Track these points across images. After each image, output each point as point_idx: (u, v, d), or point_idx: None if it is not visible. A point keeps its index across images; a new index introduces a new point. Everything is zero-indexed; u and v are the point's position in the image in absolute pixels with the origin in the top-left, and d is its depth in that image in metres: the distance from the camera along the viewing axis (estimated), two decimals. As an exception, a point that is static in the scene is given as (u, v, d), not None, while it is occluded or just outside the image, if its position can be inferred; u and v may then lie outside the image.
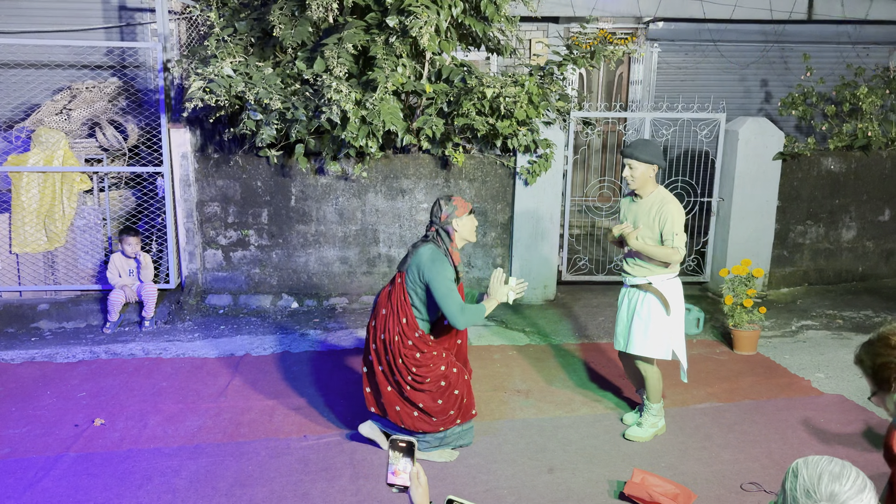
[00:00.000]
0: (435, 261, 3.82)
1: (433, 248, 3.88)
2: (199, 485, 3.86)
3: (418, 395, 3.95)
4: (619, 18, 9.38)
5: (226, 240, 6.84)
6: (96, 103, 6.69)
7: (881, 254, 7.94)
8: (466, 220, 3.94)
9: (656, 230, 4.13)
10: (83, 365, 5.48)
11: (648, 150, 4.10)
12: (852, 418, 4.70)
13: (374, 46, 5.88)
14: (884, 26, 9.71)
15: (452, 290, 3.81)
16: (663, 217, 4.10)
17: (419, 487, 2.11)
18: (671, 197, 4.17)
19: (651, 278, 4.22)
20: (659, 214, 4.12)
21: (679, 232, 4.09)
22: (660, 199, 4.15)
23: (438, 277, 3.79)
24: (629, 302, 4.35)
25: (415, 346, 3.91)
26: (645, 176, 4.14)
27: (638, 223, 4.20)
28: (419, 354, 3.92)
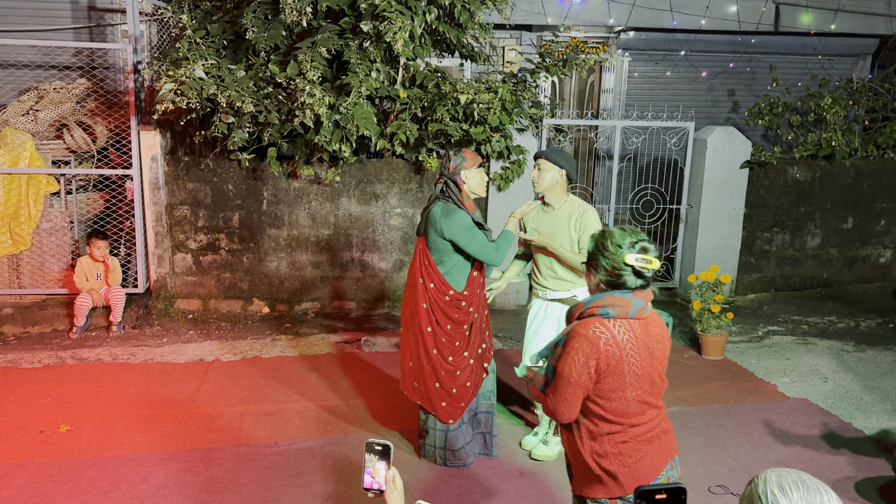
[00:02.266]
0: (448, 213, 3.80)
1: (443, 204, 3.85)
2: (168, 491, 3.81)
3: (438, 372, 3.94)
4: (591, 27, 9.49)
5: (196, 244, 6.77)
6: (64, 104, 6.58)
7: (845, 261, 8.12)
8: (475, 173, 3.89)
9: (574, 238, 3.97)
10: (48, 370, 5.38)
11: (562, 155, 3.98)
12: (816, 421, 4.80)
13: (348, 51, 5.88)
14: (848, 39, 9.95)
15: (476, 233, 3.81)
16: (583, 225, 3.94)
17: (394, 491, 2.11)
18: (590, 206, 4.02)
19: (574, 291, 4.04)
20: (579, 222, 3.96)
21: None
22: (578, 208, 4.00)
23: (458, 228, 3.77)
24: (547, 317, 4.12)
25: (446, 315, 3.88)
26: (553, 180, 3.96)
27: (554, 234, 4.00)
28: (450, 326, 3.89)
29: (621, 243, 2.34)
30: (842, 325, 6.85)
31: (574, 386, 2.35)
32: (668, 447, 2.47)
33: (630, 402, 2.36)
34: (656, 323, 2.46)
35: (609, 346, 2.30)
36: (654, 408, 2.44)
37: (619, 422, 2.37)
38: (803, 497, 1.58)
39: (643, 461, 2.38)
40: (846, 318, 7.04)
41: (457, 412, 3.99)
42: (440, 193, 3.90)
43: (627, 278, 2.34)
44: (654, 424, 2.43)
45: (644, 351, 2.36)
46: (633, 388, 2.36)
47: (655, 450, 2.42)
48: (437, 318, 3.90)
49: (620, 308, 2.33)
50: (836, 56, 10.10)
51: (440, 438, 4.06)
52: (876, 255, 8.24)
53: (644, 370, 2.36)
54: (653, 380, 2.40)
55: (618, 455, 2.38)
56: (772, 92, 8.65)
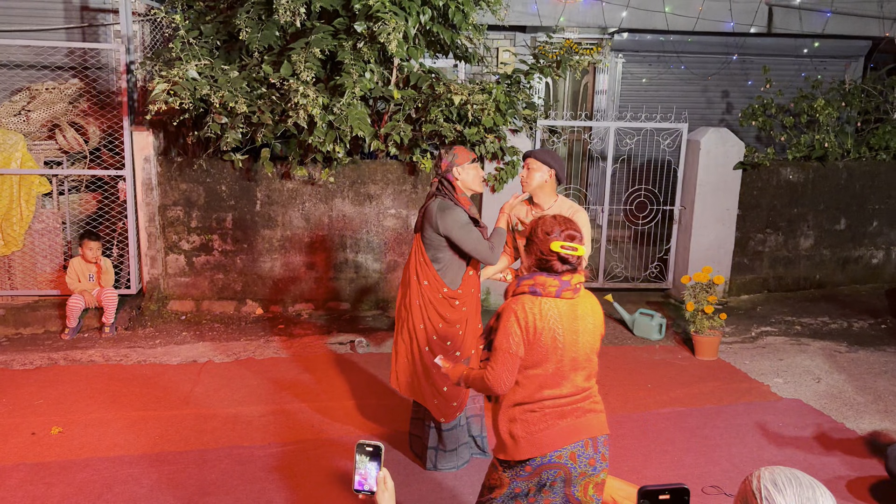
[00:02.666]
0: (444, 209, 3.78)
1: (440, 201, 3.84)
2: (161, 493, 3.79)
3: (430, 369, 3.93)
4: (585, 29, 9.50)
5: (189, 245, 6.75)
6: (56, 105, 6.55)
7: (837, 262, 8.15)
8: (469, 168, 3.87)
9: None
10: (41, 372, 5.35)
11: (550, 154, 3.94)
12: (809, 422, 4.82)
13: (342, 52, 5.87)
14: (840, 41, 9.99)
15: (472, 230, 3.80)
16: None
17: (385, 492, 2.11)
18: (578, 206, 3.98)
19: None
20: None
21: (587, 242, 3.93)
22: (569, 208, 3.95)
23: (453, 224, 3.77)
24: None
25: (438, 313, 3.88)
26: (541, 179, 3.92)
27: None
28: (441, 325, 3.89)
29: (550, 231, 2.59)
30: (835, 326, 6.88)
31: (511, 356, 2.56)
32: (584, 426, 2.60)
33: (547, 375, 2.56)
34: (587, 305, 2.65)
35: (534, 320, 2.53)
36: (574, 385, 2.60)
37: (533, 391, 2.57)
38: (796, 493, 1.60)
39: (545, 432, 2.56)
40: (839, 319, 7.07)
41: (448, 411, 3.96)
42: (436, 191, 3.89)
43: (554, 263, 2.58)
44: (570, 401, 2.59)
45: (568, 328, 2.56)
46: (553, 362, 2.56)
47: (565, 425, 2.57)
48: (429, 316, 3.89)
49: (547, 287, 2.56)
50: (829, 58, 10.14)
51: (433, 437, 4.05)
52: (868, 255, 8.28)
53: (565, 346, 2.56)
54: (575, 357, 2.58)
55: (524, 422, 2.58)
56: (765, 93, 8.68)
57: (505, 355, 2.57)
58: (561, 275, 2.59)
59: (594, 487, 2.63)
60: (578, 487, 2.61)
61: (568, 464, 2.57)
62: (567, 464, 2.57)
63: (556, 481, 2.59)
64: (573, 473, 2.59)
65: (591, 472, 2.61)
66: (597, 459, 2.61)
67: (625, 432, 4.61)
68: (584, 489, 2.61)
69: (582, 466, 2.59)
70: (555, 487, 2.60)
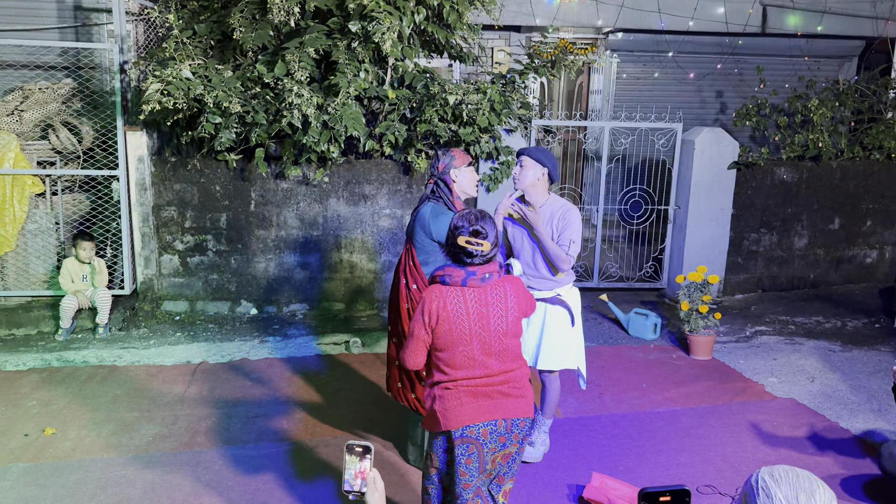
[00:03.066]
0: (437, 215, 3.73)
1: (433, 205, 3.79)
2: (155, 494, 3.78)
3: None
4: (580, 29, 9.51)
5: (183, 245, 6.73)
6: (49, 105, 6.53)
7: (831, 261, 8.17)
8: (465, 172, 3.83)
9: (555, 236, 3.99)
10: (34, 373, 5.33)
11: (544, 153, 3.92)
12: (803, 421, 4.83)
13: (336, 51, 5.86)
14: (834, 40, 10.02)
15: None
16: (565, 222, 3.94)
17: (375, 492, 2.10)
18: (572, 205, 4.01)
19: (557, 290, 4.09)
20: (561, 221, 3.96)
21: (576, 240, 3.96)
22: (561, 206, 3.98)
23: (446, 230, 3.69)
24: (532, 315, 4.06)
25: None
26: (534, 177, 3.94)
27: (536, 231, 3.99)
28: None
29: (458, 225, 2.83)
30: (829, 326, 6.89)
31: (416, 340, 2.85)
32: (499, 407, 2.81)
33: (458, 357, 2.79)
34: (497, 292, 2.84)
35: (440, 306, 2.77)
36: (488, 368, 2.80)
37: (447, 372, 2.82)
38: (793, 483, 1.65)
39: (458, 409, 2.79)
40: (833, 319, 7.09)
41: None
42: (430, 194, 3.86)
43: (461, 255, 2.82)
44: (485, 383, 2.81)
45: (475, 314, 2.78)
46: (462, 345, 2.78)
47: (480, 404, 2.80)
48: None
49: (454, 277, 2.80)
50: (823, 57, 10.17)
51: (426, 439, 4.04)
52: (862, 255, 8.30)
53: (474, 331, 2.77)
54: (486, 342, 2.79)
55: (441, 399, 2.83)
56: (759, 93, 8.71)
57: (410, 338, 2.87)
58: (468, 266, 2.82)
59: (503, 457, 2.89)
60: (489, 461, 2.86)
61: (480, 439, 2.80)
62: (479, 439, 2.80)
63: (471, 457, 2.81)
64: (485, 449, 2.81)
65: (500, 447, 2.85)
66: (507, 438, 2.84)
67: (619, 432, 4.62)
68: (493, 461, 2.88)
69: (493, 443, 2.82)
70: (469, 466, 2.82)
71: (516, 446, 2.89)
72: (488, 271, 2.83)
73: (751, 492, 1.69)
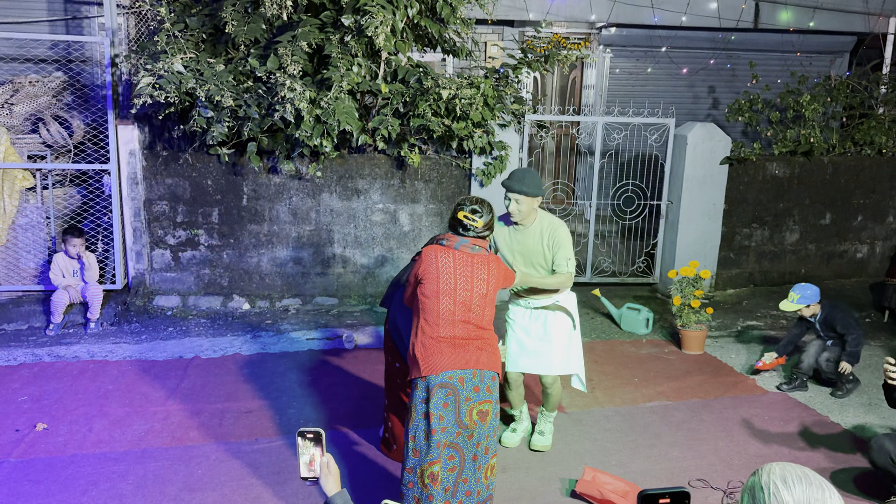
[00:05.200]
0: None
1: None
2: (147, 490, 3.77)
3: None
4: (573, 23, 9.50)
5: (174, 239, 6.70)
6: (40, 98, 6.48)
7: (822, 256, 8.21)
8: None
9: (549, 256, 4.05)
10: (24, 368, 5.30)
11: (534, 182, 3.94)
12: (794, 415, 4.86)
13: (329, 45, 5.83)
14: (826, 36, 10.04)
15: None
16: (556, 243, 4.01)
17: (329, 476, 2.13)
18: (559, 221, 4.07)
19: (556, 297, 4.15)
20: (552, 240, 4.02)
21: (571, 257, 4.03)
22: (549, 225, 4.04)
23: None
24: (533, 323, 4.20)
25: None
26: (530, 209, 3.99)
27: (528, 251, 4.08)
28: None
29: (461, 203, 3.40)
30: (819, 320, 6.92)
31: (410, 285, 3.44)
32: (474, 359, 3.21)
33: (442, 310, 3.23)
34: (482, 263, 3.31)
35: (431, 260, 3.28)
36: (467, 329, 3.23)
37: (431, 322, 3.25)
38: (805, 492, 1.58)
39: (437, 356, 3.19)
40: (824, 313, 7.11)
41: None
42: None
43: (458, 227, 3.37)
44: (463, 340, 3.22)
45: (461, 275, 3.26)
46: (446, 298, 3.23)
47: (457, 354, 3.19)
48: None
49: (450, 241, 3.35)
50: (815, 53, 10.19)
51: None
52: (853, 250, 8.34)
53: (457, 288, 3.23)
54: (467, 300, 3.24)
55: (422, 346, 3.24)
56: (751, 88, 8.72)
57: (408, 285, 3.46)
58: (463, 237, 3.34)
59: (478, 414, 3.21)
60: (465, 411, 3.18)
61: (457, 385, 3.17)
62: (456, 385, 3.16)
63: (447, 402, 3.16)
64: (461, 396, 3.17)
65: (474, 398, 3.19)
66: (481, 388, 3.21)
67: (612, 426, 4.63)
68: (469, 413, 3.19)
69: (468, 391, 3.18)
70: (447, 410, 3.15)
71: (490, 402, 3.24)
72: (478, 244, 3.35)
73: (759, 493, 1.63)
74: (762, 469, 1.66)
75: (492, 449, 3.28)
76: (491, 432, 3.26)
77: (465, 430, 3.18)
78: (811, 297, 5.18)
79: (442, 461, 3.16)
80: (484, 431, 3.23)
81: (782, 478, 1.62)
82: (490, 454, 3.27)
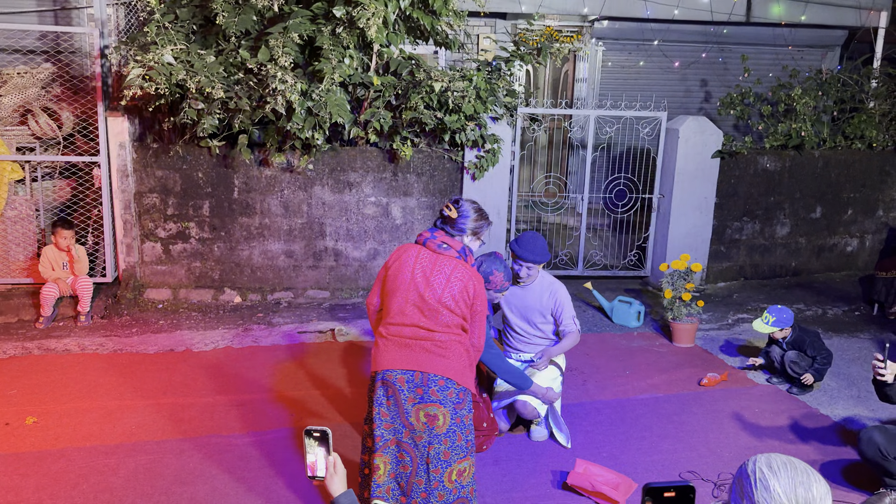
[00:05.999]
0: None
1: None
2: (138, 483, 3.76)
3: None
4: (565, 16, 9.48)
5: (165, 232, 6.67)
6: (28, 89, 6.42)
7: (813, 250, 8.25)
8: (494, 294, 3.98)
9: (548, 315, 4.28)
10: (14, 361, 5.27)
11: (544, 250, 4.18)
12: (784, 408, 4.89)
13: (321, 37, 5.80)
14: (818, 30, 10.06)
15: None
16: (557, 304, 4.25)
17: (335, 476, 2.13)
18: (559, 283, 4.31)
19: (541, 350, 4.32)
20: (552, 300, 4.25)
21: (574, 314, 4.26)
22: (549, 285, 4.28)
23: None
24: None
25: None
26: (537, 272, 4.27)
27: (526, 307, 4.30)
28: None
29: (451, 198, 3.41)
30: (809, 313, 6.96)
31: (378, 280, 3.28)
32: (418, 360, 3.06)
33: (394, 306, 3.11)
34: (449, 266, 3.10)
35: (399, 254, 3.19)
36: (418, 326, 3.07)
37: (386, 319, 3.15)
38: (791, 476, 1.63)
39: (385, 354, 3.10)
40: (814, 307, 7.16)
41: None
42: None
43: (437, 219, 3.28)
44: (411, 334, 3.08)
45: (420, 271, 3.10)
46: (401, 295, 3.10)
47: (400, 354, 3.08)
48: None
49: (420, 236, 3.21)
50: (807, 47, 10.22)
51: None
52: (843, 243, 8.39)
53: (414, 283, 3.08)
54: (421, 296, 3.06)
55: (377, 345, 3.17)
56: (743, 82, 8.73)
57: (375, 281, 3.32)
58: (437, 231, 3.20)
59: (425, 416, 3.06)
60: (411, 412, 3.06)
61: (396, 384, 3.06)
62: (395, 384, 3.06)
63: (390, 399, 3.08)
64: (402, 396, 3.06)
65: (419, 400, 3.05)
66: (425, 391, 3.04)
67: (602, 419, 4.65)
68: (415, 415, 3.07)
69: (410, 392, 3.05)
70: (390, 408, 3.09)
71: (438, 406, 3.05)
72: (446, 242, 3.16)
73: (747, 481, 1.68)
74: (748, 459, 1.72)
75: (455, 454, 3.09)
76: (451, 438, 3.08)
77: (412, 431, 3.07)
78: (786, 321, 5.17)
79: (392, 458, 3.12)
80: (437, 435, 3.06)
81: (768, 465, 1.67)
82: (454, 459, 3.09)
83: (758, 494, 1.64)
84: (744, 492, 1.67)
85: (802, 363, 5.10)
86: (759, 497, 1.64)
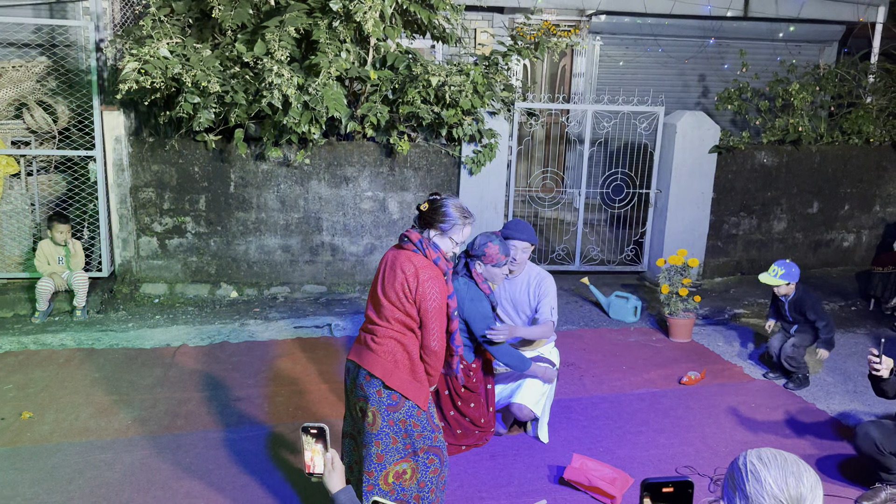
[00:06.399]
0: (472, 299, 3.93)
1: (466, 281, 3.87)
2: (134, 477, 3.76)
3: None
4: (563, 10, 9.46)
5: (161, 227, 6.65)
6: (23, 83, 6.39)
7: (809, 245, 8.26)
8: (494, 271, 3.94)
9: (533, 304, 4.23)
10: (10, 356, 5.25)
11: (532, 232, 4.19)
12: (780, 403, 4.90)
13: (317, 31, 5.78)
14: (815, 25, 10.05)
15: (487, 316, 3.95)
16: (542, 292, 4.19)
17: (334, 472, 2.12)
18: (546, 273, 4.27)
19: (540, 350, 4.33)
20: (538, 290, 4.20)
21: (555, 307, 4.20)
22: (536, 275, 4.24)
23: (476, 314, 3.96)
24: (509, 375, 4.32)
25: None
26: (525, 256, 4.19)
27: (517, 301, 4.27)
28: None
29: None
30: (806, 308, 6.96)
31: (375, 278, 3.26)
32: (358, 352, 3.12)
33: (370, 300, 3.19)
34: (402, 256, 3.08)
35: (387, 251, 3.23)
36: (369, 319, 3.15)
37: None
38: (781, 467, 1.66)
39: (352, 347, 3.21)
40: (810, 301, 7.16)
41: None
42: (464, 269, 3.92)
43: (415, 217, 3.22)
44: (363, 327, 3.19)
45: (387, 268, 3.11)
46: (370, 289, 3.19)
47: (354, 345, 3.19)
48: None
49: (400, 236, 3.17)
50: (804, 42, 10.21)
51: None
52: (840, 239, 8.40)
53: (378, 279, 3.13)
54: (375, 292, 3.11)
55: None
56: (741, 77, 8.72)
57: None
58: (411, 230, 3.16)
59: (359, 410, 3.11)
60: (351, 402, 3.19)
61: (347, 375, 3.20)
62: (347, 374, 3.20)
63: (344, 383, 3.22)
64: (347, 383, 3.20)
65: (355, 392, 3.12)
66: (356, 384, 3.09)
67: (599, 413, 4.65)
68: (354, 406, 3.17)
69: (349, 381, 3.18)
70: (344, 389, 3.24)
71: (366, 402, 3.03)
72: (407, 235, 3.12)
73: (738, 474, 1.69)
74: (739, 455, 1.74)
75: (391, 456, 3.00)
76: (384, 440, 2.99)
77: (355, 423, 3.19)
78: (793, 275, 5.17)
79: (346, 450, 3.28)
80: (370, 434, 3.00)
81: (758, 457, 1.69)
82: (389, 461, 3.00)
83: (749, 486, 1.65)
84: (736, 485, 1.69)
85: (799, 357, 5.11)
86: (751, 489, 1.65)
